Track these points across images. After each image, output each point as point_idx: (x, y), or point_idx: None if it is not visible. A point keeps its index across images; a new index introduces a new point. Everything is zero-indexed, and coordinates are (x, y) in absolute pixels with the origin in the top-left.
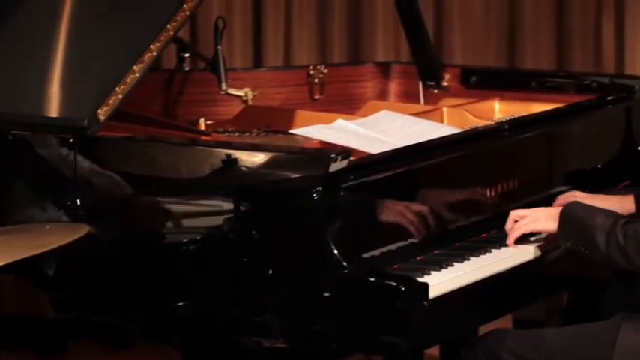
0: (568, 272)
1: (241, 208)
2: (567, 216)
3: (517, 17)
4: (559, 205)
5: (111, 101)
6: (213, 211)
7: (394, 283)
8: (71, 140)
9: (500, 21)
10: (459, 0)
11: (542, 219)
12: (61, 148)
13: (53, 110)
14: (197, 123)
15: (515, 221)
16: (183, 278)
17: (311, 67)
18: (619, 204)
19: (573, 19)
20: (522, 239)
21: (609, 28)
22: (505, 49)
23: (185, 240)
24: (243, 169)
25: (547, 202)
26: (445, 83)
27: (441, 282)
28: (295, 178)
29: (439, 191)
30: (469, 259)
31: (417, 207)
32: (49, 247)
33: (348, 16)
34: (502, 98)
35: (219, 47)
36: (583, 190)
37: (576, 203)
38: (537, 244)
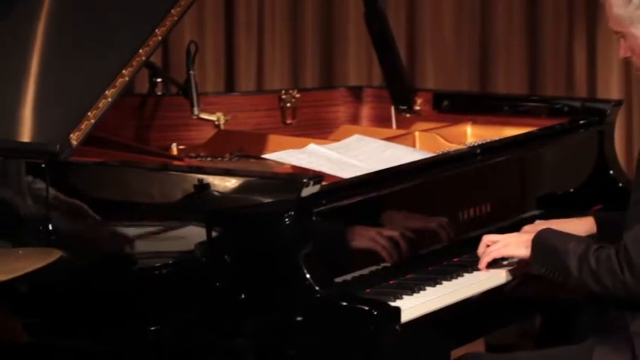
0: (541, 296)
1: (214, 232)
2: (539, 242)
3: (489, 42)
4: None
5: (83, 126)
6: (186, 235)
7: (366, 308)
8: (43, 165)
9: (472, 45)
10: (431, 25)
11: (514, 245)
12: (33, 173)
13: (25, 135)
14: (169, 148)
15: (488, 246)
16: (155, 303)
17: (283, 91)
18: (579, 225)
19: (545, 44)
20: (494, 263)
21: (581, 52)
22: (477, 73)
23: (157, 265)
24: (216, 193)
25: (519, 226)
26: (417, 107)
27: (413, 306)
28: (267, 202)
29: (411, 215)
30: (441, 284)
31: (389, 231)
32: (20, 272)
33: (320, 41)
34: (474, 122)
35: (191, 72)
36: (555, 215)
37: (548, 230)
38: (509, 268)
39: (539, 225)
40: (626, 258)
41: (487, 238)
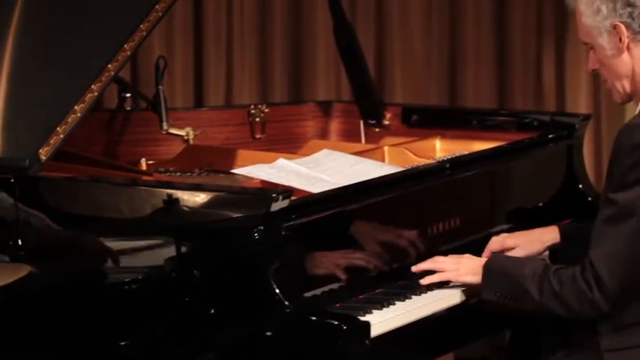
0: (510, 311)
1: (183, 247)
2: (491, 269)
3: (458, 56)
4: (491, 250)
5: (52, 141)
6: (156, 250)
7: (336, 322)
8: (12, 180)
9: (440, 60)
10: (399, 39)
11: (463, 272)
12: (2, 188)
13: None
14: (139, 163)
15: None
16: (125, 318)
17: (252, 106)
18: (543, 234)
19: (514, 58)
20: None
21: (550, 66)
22: (446, 87)
23: (127, 280)
24: (185, 208)
25: (488, 240)
26: (386, 122)
27: (382, 321)
28: (237, 217)
29: (381, 230)
30: (411, 298)
31: (358, 246)
32: None
33: (289, 56)
34: (443, 137)
35: (160, 87)
36: (525, 228)
37: (500, 255)
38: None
39: (506, 237)
40: (595, 276)
41: (436, 263)
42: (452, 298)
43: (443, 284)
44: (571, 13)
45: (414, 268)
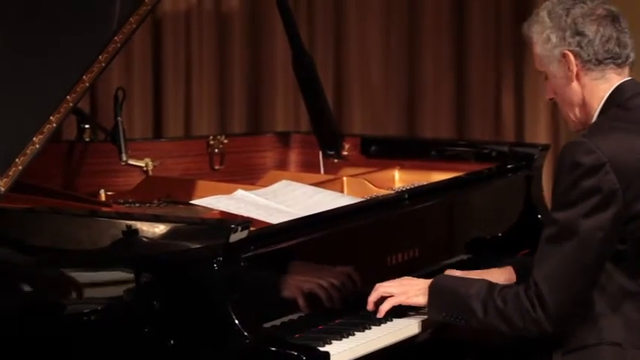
0: (469, 340)
1: (142, 278)
2: (437, 288)
3: (417, 87)
4: None
5: (11, 172)
6: (115, 281)
7: (295, 353)
8: None
9: (399, 90)
10: (358, 70)
11: (413, 294)
12: None
13: None
14: (97, 194)
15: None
16: (84, 349)
17: (211, 137)
18: (499, 275)
19: (473, 88)
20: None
21: (508, 96)
22: (405, 118)
23: (86, 311)
24: (144, 239)
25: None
26: (345, 153)
27: (341, 351)
28: (196, 248)
29: (339, 261)
30: (370, 329)
31: (317, 277)
32: None
33: (248, 87)
34: (402, 167)
35: (119, 118)
36: (484, 258)
37: (445, 275)
38: None
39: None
40: (537, 295)
41: (382, 289)
42: (411, 328)
43: (402, 313)
44: (527, 42)
45: (369, 307)
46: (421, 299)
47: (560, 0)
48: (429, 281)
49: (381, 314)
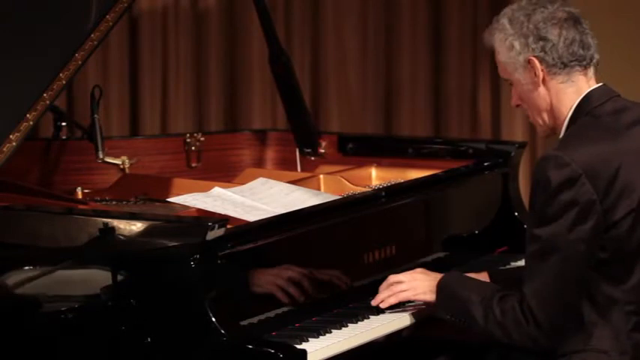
0: (446, 338)
1: (119, 276)
2: (444, 289)
3: (393, 84)
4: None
5: None
6: (91, 279)
7: (272, 351)
8: None
9: (376, 88)
10: (335, 67)
11: (421, 289)
12: None
13: None
14: (74, 192)
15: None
16: (61, 347)
17: (188, 135)
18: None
19: (449, 86)
20: (399, 304)
21: (485, 93)
22: (382, 115)
23: (63, 309)
24: (121, 237)
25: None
26: (322, 150)
27: (318, 349)
28: (173, 246)
29: (317, 258)
30: (347, 326)
31: (294, 274)
32: None
33: (224, 84)
34: (379, 165)
35: (95, 116)
36: (461, 255)
37: (453, 274)
38: (414, 310)
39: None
40: (529, 310)
41: (393, 279)
42: (389, 325)
43: (380, 310)
44: (490, 51)
45: (374, 302)
46: (429, 297)
47: (519, 6)
48: (439, 277)
49: (385, 305)
